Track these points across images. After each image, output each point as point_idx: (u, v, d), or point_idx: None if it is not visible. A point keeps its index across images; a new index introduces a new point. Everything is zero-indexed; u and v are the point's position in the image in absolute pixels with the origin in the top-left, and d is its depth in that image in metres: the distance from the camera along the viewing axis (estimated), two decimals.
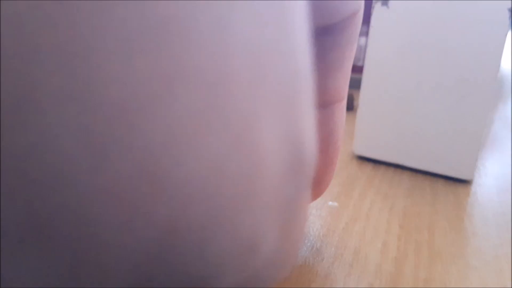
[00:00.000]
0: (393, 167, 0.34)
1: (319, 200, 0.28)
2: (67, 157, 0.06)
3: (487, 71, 0.31)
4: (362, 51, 0.53)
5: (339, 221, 0.26)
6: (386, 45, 0.33)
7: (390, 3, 0.32)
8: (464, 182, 0.33)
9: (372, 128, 0.34)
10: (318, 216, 0.27)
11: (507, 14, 0.29)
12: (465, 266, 0.23)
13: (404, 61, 0.32)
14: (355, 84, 0.52)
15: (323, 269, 0.22)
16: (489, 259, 0.24)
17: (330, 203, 0.28)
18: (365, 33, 0.53)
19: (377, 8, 0.32)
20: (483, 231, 0.27)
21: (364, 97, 0.34)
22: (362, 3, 0.16)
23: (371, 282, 0.22)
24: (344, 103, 0.19)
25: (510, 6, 0.29)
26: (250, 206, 0.08)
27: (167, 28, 0.06)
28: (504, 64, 0.68)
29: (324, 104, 0.18)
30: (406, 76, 0.33)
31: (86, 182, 0.06)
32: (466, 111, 0.32)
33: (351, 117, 0.44)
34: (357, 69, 0.54)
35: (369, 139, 0.34)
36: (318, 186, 0.21)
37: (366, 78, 0.34)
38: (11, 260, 0.07)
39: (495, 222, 0.28)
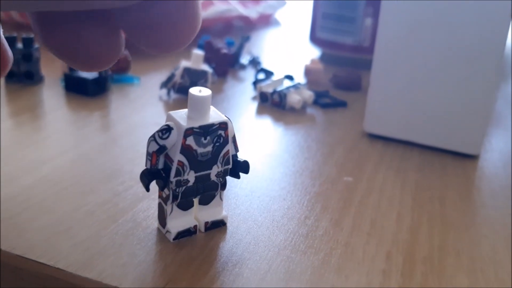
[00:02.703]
0: (403, 144, 0.35)
1: (334, 175, 0.30)
2: None
3: (494, 49, 0.32)
4: (367, 32, 0.54)
5: (355, 195, 0.28)
6: (396, 25, 0.34)
7: None
8: (471, 157, 0.34)
9: (382, 106, 0.35)
10: (335, 190, 0.28)
11: None
12: (476, 235, 0.25)
13: (414, 40, 0.33)
14: (361, 65, 0.53)
15: (343, 238, 0.23)
16: (498, 228, 0.26)
17: (345, 178, 0.29)
18: (370, 13, 0.54)
19: None
20: (492, 202, 0.28)
21: (375, 76, 0.35)
22: None
23: (388, 249, 0.23)
24: None
25: None
26: None
27: None
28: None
29: None
30: (415, 55, 0.34)
31: None
32: (474, 89, 0.33)
33: (358, 97, 0.45)
34: (363, 50, 0.55)
35: (380, 117, 0.35)
36: None
37: (377, 57, 0.35)
38: None
39: (502, 194, 0.29)
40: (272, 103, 0.41)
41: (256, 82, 0.44)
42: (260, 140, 0.34)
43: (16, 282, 0.20)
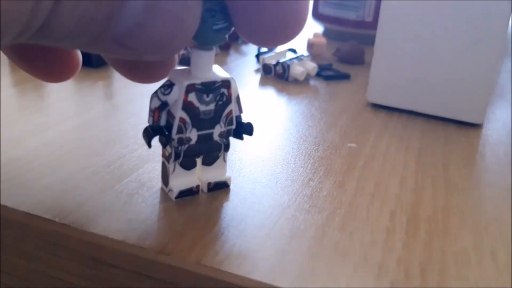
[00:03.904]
0: (406, 113, 0.35)
1: (337, 142, 0.30)
2: None
3: (498, 18, 0.32)
4: (370, 7, 0.54)
5: (359, 160, 0.28)
6: None
7: None
8: (474, 126, 0.34)
9: (386, 75, 0.35)
10: (338, 155, 0.28)
11: None
12: (480, 197, 0.25)
13: (418, 10, 0.33)
14: (364, 40, 0.52)
15: (347, 198, 0.24)
16: (502, 191, 0.26)
17: (349, 144, 0.29)
18: None
19: None
20: (495, 168, 0.28)
21: (379, 45, 0.35)
22: None
23: (392, 209, 0.23)
24: None
25: None
26: None
27: None
28: None
29: None
30: (419, 25, 0.33)
31: None
32: (477, 58, 0.33)
33: (362, 70, 0.45)
34: (366, 25, 0.54)
35: (383, 87, 0.35)
36: None
37: (381, 28, 0.34)
38: None
39: (506, 160, 0.29)
40: (275, 74, 0.41)
41: (259, 55, 0.44)
42: (263, 109, 0.34)
43: (22, 238, 0.20)
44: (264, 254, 0.19)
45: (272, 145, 0.29)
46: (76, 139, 0.27)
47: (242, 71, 0.42)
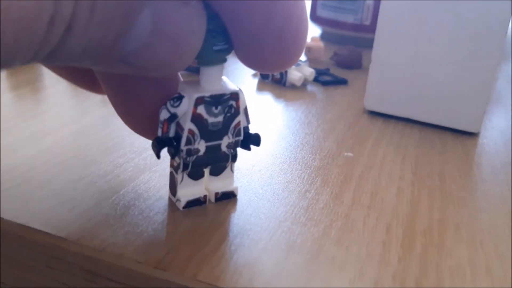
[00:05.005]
0: (403, 121, 0.35)
1: (334, 150, 0.30)
2: None
3: (496, 27, 0.32)
4: (369, 11, 0.54)
5: (355, 169, 0.28)
6: (398, 2, 0.33)
7: None
8: (471, 135, 0.34)
9: (383, 83, 0.35)
10: (335, 165, 0.28)
11: None
12: (476, 209, 0.25)
13: (416, 18, 0.33)
14: (362, 43, 0.52)
15: (343, 210, 0.24)
16: (498, 203, 0.26)
17: (346, 153, 0.29)
18: None
19: None
20: (492, 178, 0.28)
21: (376, 53, 0.35)
22: None
23: (388, 222, 0.23)
24: None
25: None
26: None
27: None
28: None
29: None
30: (417, 33, 0.33)
31: None
32: (475, 66, 0.33)
33: (359, 75, 0.45)
34: (364, 28, 0.54)
35: (380, 94, 0.35)
36: None
37: (379, 35, 0.34)
38: None
39: (503, 170, 0.29)
40: (273, 79, 0.41)
41: None
42: (260, 115, 0.34)
43: (18, 251, 0.20)
44: (260, 269, 0.19)
45: (269, 153, 0.29)
46: (73, 147, 0.27)
47: (239, 76, 0.42)
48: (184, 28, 0.15)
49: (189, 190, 0.22)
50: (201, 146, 0.21)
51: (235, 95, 0.21)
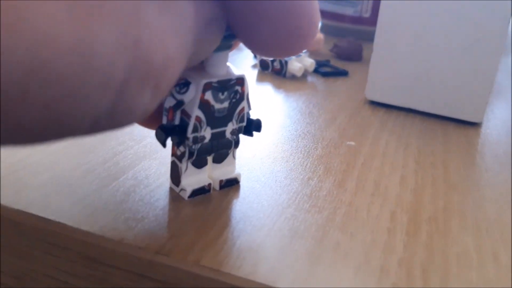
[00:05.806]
0: (405, 111, 0.35)
1: (336, 140, 0.29)
2: None
3: (499, 17, 0.32)
4: (368, 4, 0.54)
5: (358, 158, 0.27)
6: None
7: None
8: (474, 125, 0.34)
9: (384, 73, 0.35)
10: (337, 153, 0.28)
11: None
12: (481, 198, 0.25)
13: (418, 8, 0.33)
14: (361, 36, 0.52)
15: (347, 198, 0.23)
16: (503, 191, 0.25)
17: (348, 142, 0.29)
18: None
19: None
20: (495, 167, 0.28)
21: (378, 43, 0.35)
22: None
23: (393, 209, 0.23)
24: None
25: None
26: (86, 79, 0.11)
27: None
28: None
29: None
30: (419, 23, 0.33)
31: None
32: (477, 56, 0.33)
33: (360, 67, 0.45)
34: (364, 21, 0.54)
35: (382, 84, 0.35)
36: None
37: (381, 25, 0.34)
38: None
39: (506, 159, 0.29)
40: (273, 70, 0.40)
41: None
42: (261, 106, 0.34)
43: (17, 237, 0.20)
44: (263, 255, 0.18)
45: (271, 142, 0.28)
46: None
47: (239, 67, 0.42)
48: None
49: (193, 179, 0.22)
50: (207, 133, 0.21)
51: (240, 80, 0.21)
